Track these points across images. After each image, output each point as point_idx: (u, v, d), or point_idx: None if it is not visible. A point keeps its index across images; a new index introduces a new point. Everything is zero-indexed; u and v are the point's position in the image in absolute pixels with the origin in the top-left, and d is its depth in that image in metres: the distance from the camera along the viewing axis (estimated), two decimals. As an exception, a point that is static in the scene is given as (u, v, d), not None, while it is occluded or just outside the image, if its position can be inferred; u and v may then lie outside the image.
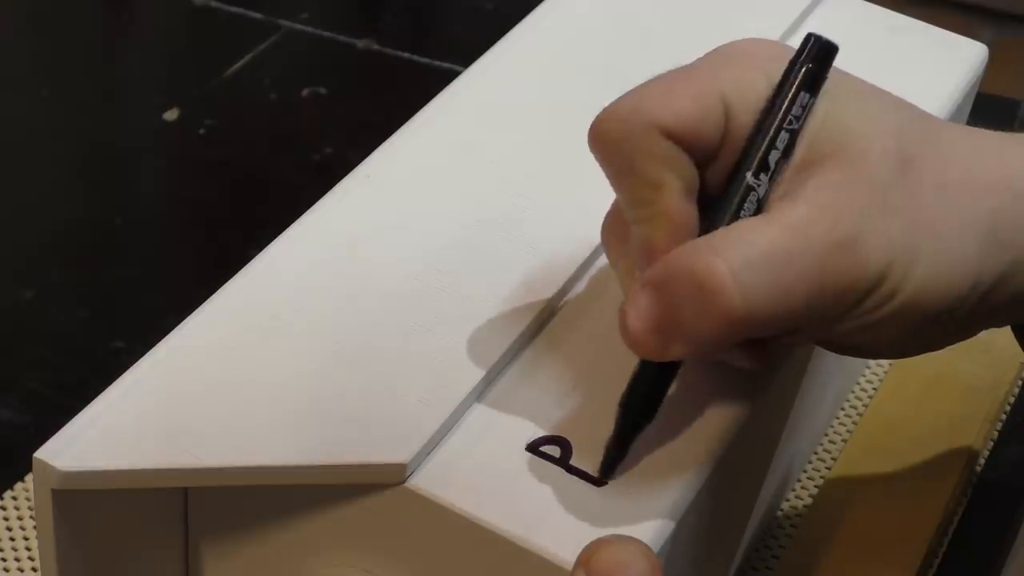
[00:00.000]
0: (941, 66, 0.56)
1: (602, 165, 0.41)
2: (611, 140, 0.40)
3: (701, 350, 0.40)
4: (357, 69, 0.84)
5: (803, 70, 0.41)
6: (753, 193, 0.40)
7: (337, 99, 0.81)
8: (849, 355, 0.45)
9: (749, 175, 0.40)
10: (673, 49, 0.43)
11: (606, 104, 0.41)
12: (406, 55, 0.85)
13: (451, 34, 0.90)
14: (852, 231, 0.39)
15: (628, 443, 0.41)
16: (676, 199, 0.40)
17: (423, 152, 0.51)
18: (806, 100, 0.40)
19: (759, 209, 0.40)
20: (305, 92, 0.81)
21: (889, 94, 0.42)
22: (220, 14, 0.86)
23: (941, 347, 0.45)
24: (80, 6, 0.88)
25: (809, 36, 0.41)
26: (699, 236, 0.40)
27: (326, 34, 0.85)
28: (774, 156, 0.40)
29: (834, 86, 0.41)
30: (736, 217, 0.40)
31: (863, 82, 0.42)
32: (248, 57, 0.83)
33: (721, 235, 0.39)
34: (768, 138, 0.40)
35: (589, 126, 0.41)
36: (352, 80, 0.84)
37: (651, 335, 0.39)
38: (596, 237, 0.48)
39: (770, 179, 0.40)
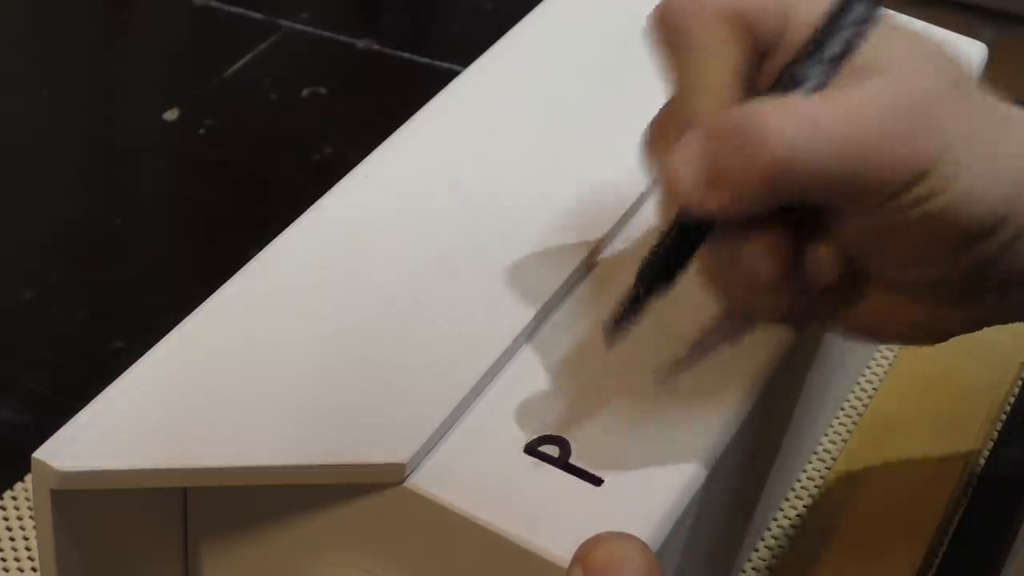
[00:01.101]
0: (941, 66, 0.56)
1: (659, 41, 0.42)
2: (674, 16, 0.42)
3: (740, 202, 0.40)
4: (357, 69, 0.84)
5: None
6: (808, 82, 0.41)
7: (337, 99, 0.81)
8: (868, 335, 0.45)
9: (805, 64, 0.41)
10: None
11: (605, 103, 0.41)
12: (406, 55, 0.85)
13: (451, 34, 0.90)
14: (907, 116, 0.40)
15: (642, 305, 0.41)
16: (730, 78, 0.41)
17: (423, 152, 0.51)
18: (867, 7, 0.41)
19: None
20: (305, 92, 0.81)
21: (946, 45, 0.43)
22: (220, 14, 0.86)
23: (960, 329, 0.45)
24: (80, 6, 0.88)
25: None
26: None
27: (326, 34, 0.85)
28: (832, 50, 0.41)
29: (894, 25, 0.42)
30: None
31: (923, 30, 0.44)
32: (248, 57, 0.83)
33: (774, 100, 0.40)
34: (828, 33, 0.41)
35: (653, 7, 0.42)
36: (352, 80, 0.84)
37: (694, 178, 0.40)
38: (596, 237, 0.48)
39: (824, 74, 0.41)
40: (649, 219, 0.49)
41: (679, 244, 0.41)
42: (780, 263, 0.42)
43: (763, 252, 0.42)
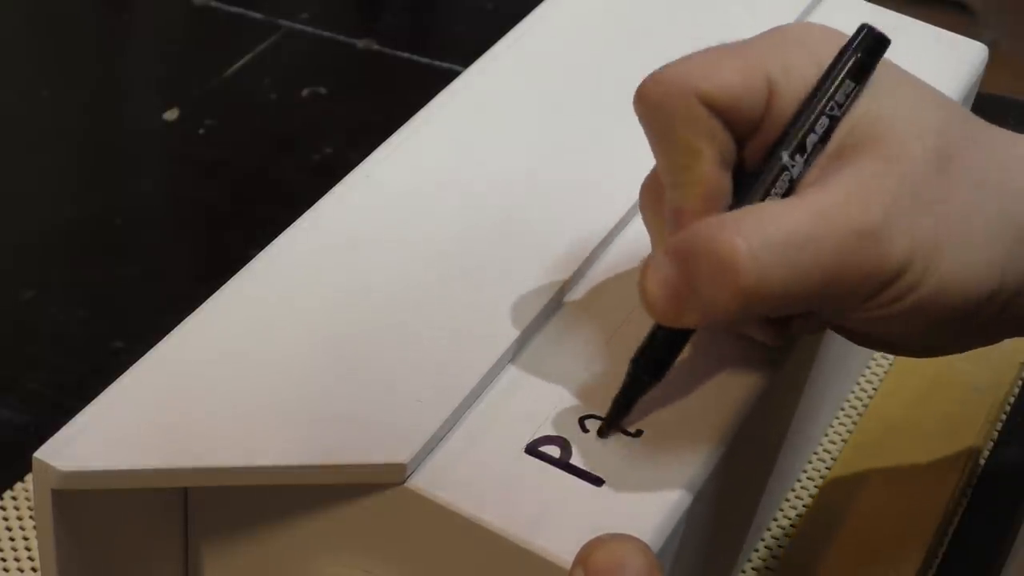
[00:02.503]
0: (941, 66, 0.56)
1: (644, 127, 0.42)
2: (654, 103, 0.41)
3: (715, 321, 0.40)
4: (357, 69, 0.84)
5: (852, 59, 0.41)
6: (787, 173, 0.41)
7: (337, 99, 0.81)
8: (864, 345, 0.45)
9: (785, 154, 0.41)
10: (673, 49, 0.43)
11: (605, 103, 0.41)
12: (406, 55, 0.85)
13: (451, 34, 0.90)
14: (876, 221, 0.39)
15: (633, 400, 0.42)
16: (711, 168, 0.41)
17: (423, 152, 0.51)
18: (851, 88, 0.41)
19: (791, 190, 0.41)
20: (305, 92, 0.81)
21: (935, 91, 0.43)
22: (220, 14, 0.86)
23: (959, 350, 0.45)
24: (80, 6, 0.88)
25: (863, 26, 0.42)
26: (731, 209, 0.41)
27: (326, 34, 0.85)
28: (812, 139, 0.41)
29: (881, 78, 0.42)
30: (767, 195, 0.41)
31: (911, 77, 0.43)
32: (248, 57, 0.83)
33: (746, 213, 0.40)
34: (809, 121, 0.41)
35: (635, 90, 0.42)
36: (352, 80, 0.84)
37: (668, 301, 0.40)
38: (597, 237, 0.48)
39: (805, 162, 0.41)
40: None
41: (664, 346, 0.42)
42: (772, 335, 0.43)
43: (754, 331, 0.43)
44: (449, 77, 0.55)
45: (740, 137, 0.42)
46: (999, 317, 0.42)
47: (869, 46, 0.41)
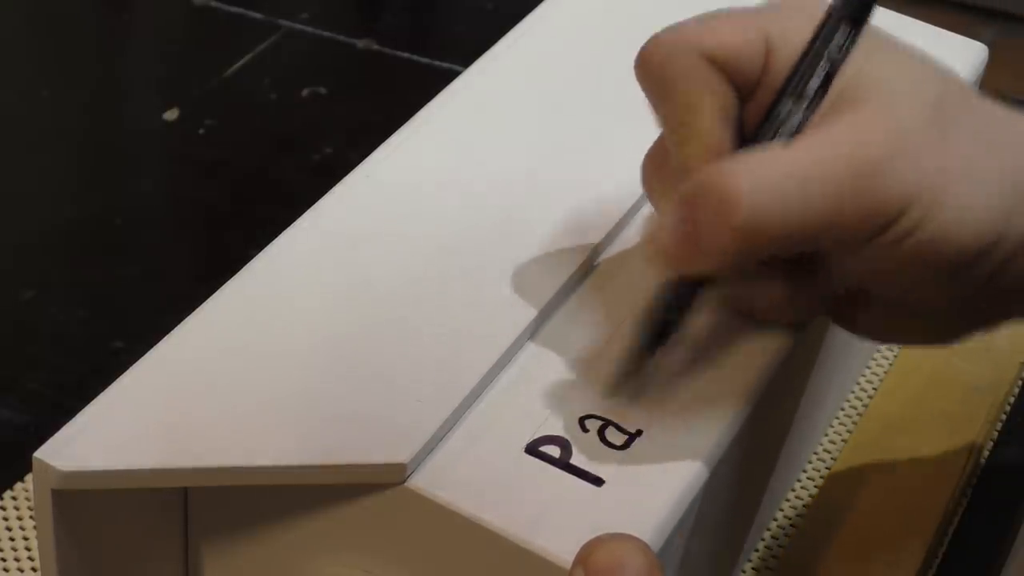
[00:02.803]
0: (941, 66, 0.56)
1: (645, 90, 0.43)
2: (655, 63, 0.42)
3: (721, 263, 0.41)
4: (357, 69, 0.84)
5: (848, 5, 0.41)
6: (789, 121, 0.41)
7: (337, 99, 0.81)
8: (867, 333, 0.45)
9: (788, 101, 0.41)
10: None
11: (605, 103, 0.41)
12: (406, 55, 0.85)
13: (451, 34, 0.90)
14: (877, 157, 0.40)
15: (640, 366, 0.42)
16: (713, 122, 0.41)
17: (423, 152, 0.51)
18: (847, 35, 0.41)
19: (794, 138, 0.41)
20: (305, 92, 0.81)
21: (931, 57, 0.43)
22: (220, 14, 0.86)
23: (959, 334, 0.45)
24: (80, 6, 0.88)
25: None
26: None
27: (326, 34, 0.85)
28: (813, 84, 0.41)
29: (877, 42, 0.42)
30: (769, 141, 0.41)
31: (907, 44, 0.43)
32: (248, 57, 0.83)
33: (748, 154, 0.40)
34: (808, 67, 0.41)
35: (636, 54, 0.43)
36: (352, 80, 0.84)
37: (675, 246, 0.40)
38: (597, 237, 0.48)
39: (807, 108, 0.41)
40: (652, 219, 0.49)
41: (676, 298, 0.42)
42: (777, 299, 0.44)
43: (759, 293, 0.44)
44: (449, 77, 0.55)
45: (740, 94, 0.42)
46: (996, 279, 0.42)
47: None
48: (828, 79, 0.41)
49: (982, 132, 0.42)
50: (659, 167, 0.44)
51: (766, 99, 0.42)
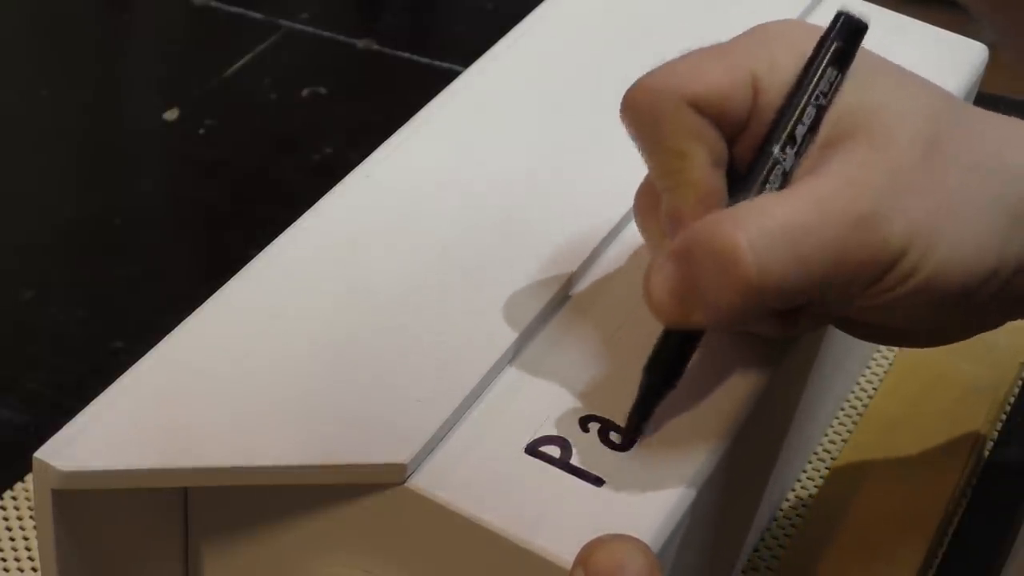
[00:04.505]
0: (941, 66, 0.56)
1: (632, 135, 0.42)
2: (641, 110, 0.42)
3: (721, 320, 0.40)
4: (357, 69, 0.84)
5: (832, 47, 0.41)
6: (779, 166, 0.41)
7: (337, 99, 0.81)
8: (869, 340, 0.45)
9: (776, 148, 0.41)
10: (673, 49, 0.43)
11: (605, 104, 0.41)
12: (406, 55, 0.85)
13: (451, 34, 0.90)
14: (873, 207, 0.40)
15: (651, 409, 0.42)
16: (703, 169, 0.41)
17: (423, 152, 0.51)
18: (834, 76, 0.41)
19: (785, 183, 0.41)
20: (305, 92, 0.81)
21: (920, 78, 0.43)
22: (220, 14, 0.86)
23: (963, 337, 0.45)
24: (80, 6, 0.88)
25: (839, 14, 0.42)
26: (727, 207, 0.41)
27: (326, 34, 0.85)
28: (801, 130, 0.41)
29: (866, 67, 0.42)
30: (762, 189, 0.41)
31: (895, 65, 0.43)
32: (248, 57, 0.83)
33: (743, 207, 0.40)
34: (796, 112, 0.41)
35: (621, 97, 0.42)
36: (352, 80, 0.84)
37: (673, 303, 0.40)
38: (597, 236, 0.48)
39: (796, 153, 0.41)
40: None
41: (674, 350, 0.42)
42: (778, 329, 0.43)
43: (762, 326, 0.43)
44: (449, 77, 0.55)
45: (729, 136, 0.42)
46: (998, 297, 0.42)
47: (848, 33, 0.42)
48: (816, 122, 0.41)
49: (975, 161, 0.42)
50: (651, 206, 0.43)
51: (755, 138, 0.42)
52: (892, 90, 0.42)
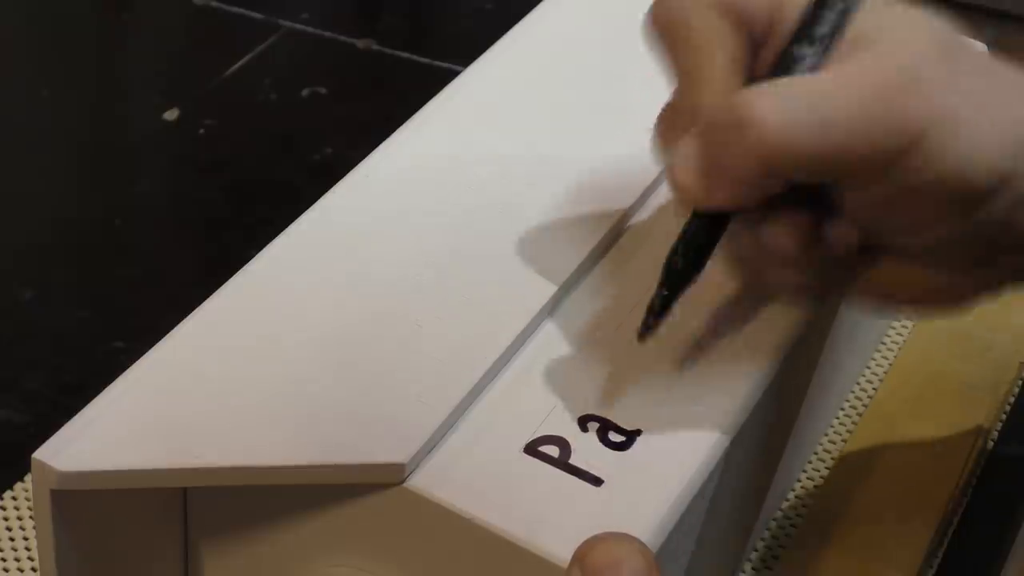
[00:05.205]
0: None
1: (657, 46, 0.43)
2: (666, 17, 0.42)
3: (744, 193, 0.40)
4: (357, 69, 0.84)
5: None
6: (802, 63, 0.41)
7: (337, 99, 0.81)
8: (886, 302, 0.45)
9: (800, 46, 0.41)
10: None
11: (605, 104, 0.41)
12: (406, 55, 0.85)
13: (451, 34, 0.90)
14: (898, 82, 0.40)
15: (674, 298, 0.42)
16: (725, 67, 0.42)
17: (423, 152, 0.51)
18: None
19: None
20: (305, 92, 0.81)
21: (938, 17, 0.44)
22: (220, 14, 0.86)
23: (974, 296, 0.45)
24: (80, 6, 0.89)
25: None
26: None
27: (326, 34, 0.85)
28: (825, 29, 0.41)
29: (890, 2, 0.43)
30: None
31: (914, 5, 0.44)
32: (248, 57, 0.83)
33: (766, 83, 0.40)
34: (821, 10, 0.41)
35: (647, 10, 0.43)
36: (352, 80, 0.84)
37: (697, 180, 0.40)
38: (597, 237, 0.48)
39: (819, 53, 0.41)
40: (649, 221, 0.49)
41: (699, 236, 0.42)
42: (799, 238, 0.43)
43: (781, 230, 0.43)
44: (449, 77, 0.55)
45: (751, 45, 0.42)
46: (1012, 223, 0.42)
47: None
48: (840, 23, 0.41)
49: (991, 70, 0.43)
50: (672, 125, 0.43)
51: (777, 48, 0.42)
52: (906, 12, 0.43)
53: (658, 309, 0.42)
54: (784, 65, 0.41)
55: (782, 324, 0.46)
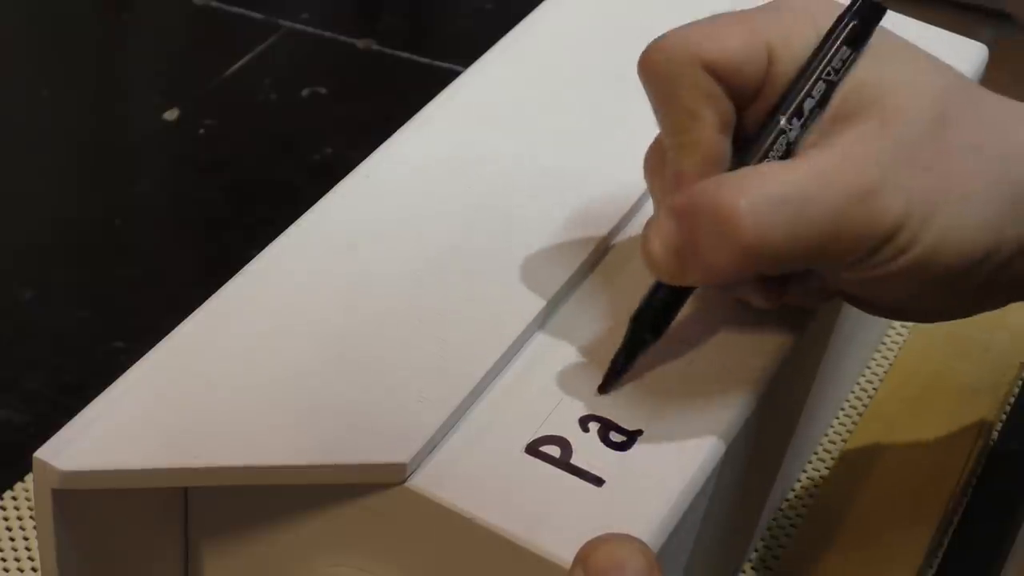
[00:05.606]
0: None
1: (647, 92, 0.43)
2: (657, 68, 0.42)
3: (715, 279, 0.41)
4: (357, 69, 0.84)
5: (849, 25, 0.42)
6: (784, 136, 0.42)
7: (337, 99, 0.81)
8: (870, 311, 0.45)
9: (783, 118, 0.42)
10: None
11: (605, 104, 0.41)
12: (406, 55, 0.85)
13: (451, 34, 0.90)
14: (872, 181, 0.40)
15: (633, 357, 0.43)
16: (710, 131, 0.42)
17: (423, 152, 0.51)
18: (847, 54, 0.42)
19: (789, 153, 0.42)
20: (305, 92, 0.81)
21: (933, 57, 0.44)
22: (220, 14, 0.86)
23: (965, 314, 0.45)
24: (80, 6, 0.88)
25: None
26: (730, 171, 0.41)
27: (326, 34, 0.85)
28: (809, 103, 0.41)
29: (880, 45, 0.42)
30: (765, 157, 0.41)
31: (909, 44, 0.44)
32: (248, 57, 0.83)
33: (746, 172, 0.41)
34: (806, 85, 0.42)
35: (639, 56, 0.43)
36: (352, 80, 0.84)
37: (670, 259, 0.41)
38: (597, 237, 0.48)
39: (803, 125, 0.42)
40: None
41: (667, 302, 0.43)
42: (770, 298, 0.44)
43: (751, 290, 0.44)
44: (449, 77, 0.55)
45: (740, 104, 0.42)
46: (998, 278, 0.43)
47: (866, 13, 0.42)
48: (825, 98, 0.42)
49: (980, 141, 0.42)
50: (659, 164, 0.44)
51: (765, 108, 0.42)
52: (903, 69, 0.42)
53: (620, 367, 0.43)
54: (766, 137, 0.42)
55: (783, 324, 0.46)
